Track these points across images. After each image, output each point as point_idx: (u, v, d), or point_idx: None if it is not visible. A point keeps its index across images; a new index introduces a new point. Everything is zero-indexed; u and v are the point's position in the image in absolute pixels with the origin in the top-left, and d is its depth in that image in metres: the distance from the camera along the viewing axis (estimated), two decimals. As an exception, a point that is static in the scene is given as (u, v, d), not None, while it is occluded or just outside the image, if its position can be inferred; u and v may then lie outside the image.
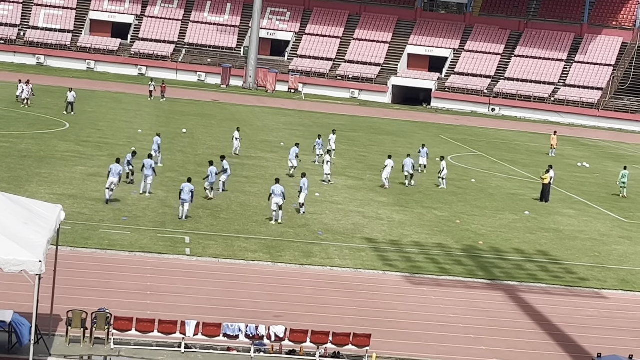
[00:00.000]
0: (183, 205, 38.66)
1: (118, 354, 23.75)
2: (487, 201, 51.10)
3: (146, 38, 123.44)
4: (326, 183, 50.82)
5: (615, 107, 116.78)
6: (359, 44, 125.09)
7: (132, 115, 73.89)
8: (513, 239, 41.84)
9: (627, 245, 43.17)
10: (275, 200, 39.51)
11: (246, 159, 56.23)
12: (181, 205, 38.73)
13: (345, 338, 24.64)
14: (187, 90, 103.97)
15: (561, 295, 33.83)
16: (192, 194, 38.78)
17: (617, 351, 24.77)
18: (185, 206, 38.64)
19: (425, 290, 32.43)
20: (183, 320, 24.37)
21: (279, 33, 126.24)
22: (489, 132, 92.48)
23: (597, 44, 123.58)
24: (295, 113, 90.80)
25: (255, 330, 24.39)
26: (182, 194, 38.57)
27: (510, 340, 27.93)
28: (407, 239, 39.69)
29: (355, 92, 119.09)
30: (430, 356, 25.80)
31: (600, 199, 56.29)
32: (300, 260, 34.48)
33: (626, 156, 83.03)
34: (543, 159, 71.90)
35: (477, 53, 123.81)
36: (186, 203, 38.62)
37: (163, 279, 30.42)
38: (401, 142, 73.62)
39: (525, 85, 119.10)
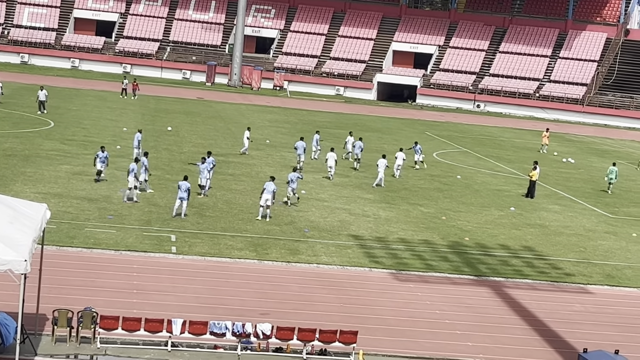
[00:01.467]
0: (181, 202, 38.66)
1: (104, 352, 23.70)
2: (473, 197, 51.19)
3: (131, 36, 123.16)
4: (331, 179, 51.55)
5: (599, 103, 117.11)
6: (344, 41, 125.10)
7: (117, 113, 73.70)
8: (499, 235, 41.92)
9: (613, 241, 43.30)
10: (265, 196, 39.52)
11: (232, 157, 56.16)
12: (180, 203, 38.72)
13: (332, 335, 24.64)
14: (172, 88, 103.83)
15: (547, 290, 33.91)
16: (189, 191, 38.80)
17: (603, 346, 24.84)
18: (183, 204, 38.64)
19: (412, 287, 32.47)
20: (169, 318, 24.33)
21: (263, 30, 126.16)
22: (474, 129, 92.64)
23: (582, 40, 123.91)
24: (281, 110, 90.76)
25: (242, 328, 24.37)
26: (180, 192, 38.56)
27: (496, 336, 27.98)
28: (393, 235, 39.72)
29: (340, 89, 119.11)
30: (416, 352, 25.83)
31: (586, 194, 56.45)
32: (287, 257, 34.46)
33: (611, 151, 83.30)
34: (528, 155, 72.05)
35: (461, 49, 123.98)
36: (184, 201, 38.61)
37: (149, 277, 30.36)
38: (387, 139, 73.65)
39: (510, 82, 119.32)
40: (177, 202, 38.85)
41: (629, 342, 28.15)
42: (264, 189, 39.71)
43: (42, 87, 70.31)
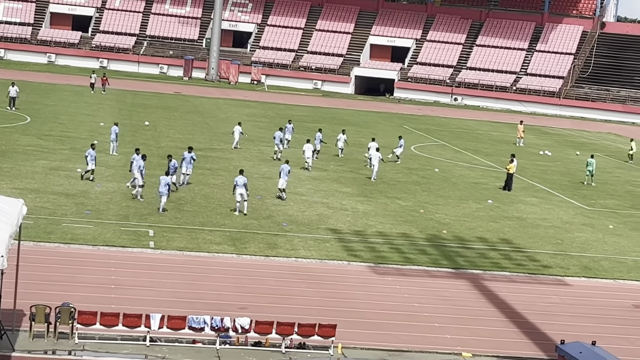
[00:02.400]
0: (161, 198, 38.56)
1: (82, 348, 23.63)
2: (451, 190, 51.32)
3: (107, 30, 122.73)
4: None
5: (576, 96, 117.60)
6: (321, 35, 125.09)
7: (94, 108, 73.44)
8: (476, 228, 42.05)
9: (589, 233, 43.52)
10: (239, 191, 39.54)
11: (210, 151, 56.07)
12: (159, 198, 38.63)
13: (311, 329, 24.66)
14: (149, 83, 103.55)
15: (524, 282, 34.05)
16: (169, 186, 38.73)
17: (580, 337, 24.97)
18: (162, 199, 38.54)
19: (390, 280, 32.52)
20: (148, 313, 24.28)
21: (240, 24, 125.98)
22: (451, 122, 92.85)
23: (558, 33, 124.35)
24: (258, 104, 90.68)
25: (220, 322, 24.36)
26: (160, 186, 38.48)
27: (474, 329, 28.07)
28: (371, 229, 39.78)
29: (318, 83, 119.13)
30: (395, 345, 25.88)
31: (563, 186, 56.70)
32: (265, 251, 34.45)
33: (587, 144, 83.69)
34: (506, 148, 72.29)
35: (439, 43, 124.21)
36: (163, 196, 38.52)
37: (127, 272, 30.29)
38: (365, 133, 73.71)
39: (487, 75, 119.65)
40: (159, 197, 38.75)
41: (605, 334, 28.31)
42: (236, 184, 39.65)
43: (14, 83, 69.50)
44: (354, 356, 24.94)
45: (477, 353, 25.99)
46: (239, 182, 39.57)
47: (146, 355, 23.64)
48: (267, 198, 43.57)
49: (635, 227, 46.05)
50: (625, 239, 42.94)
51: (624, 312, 31.48)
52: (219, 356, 24.04)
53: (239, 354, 24.27)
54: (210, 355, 24.02)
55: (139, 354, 23.65)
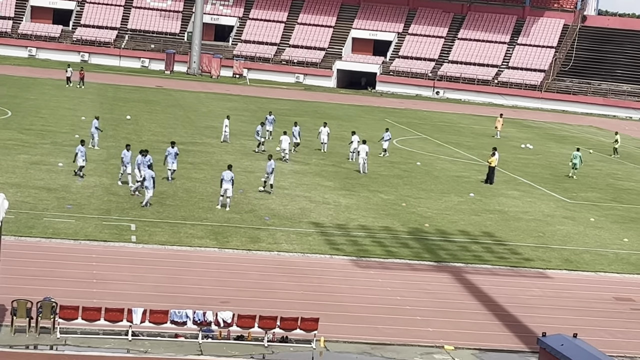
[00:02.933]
0: (147, 192, 38.45)
1: (64, 343, 23.58)
2: (433, 184, 51.40)
3: (88, 24, 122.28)
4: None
5: (557, 89, 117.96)
6: (303, 29, 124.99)
7: (75, 102, 73.19)
8: (458, 221, 42.14)
9: (571, 226, 43.67)
10: (225, 186, 39.43)
11: (191, 145, 55.97)
12: (146, 192, 38.52)
13: (293, 322, 24.67)
14: (130, 77, 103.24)
15: (506, 275, 34.15)
16: (154, 180, 38.60)
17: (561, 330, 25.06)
18: (148, 193, 38.42)
19: (372, 274, 32.56)
20: (130, 308, 24.24)
21: (222, 18, 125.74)
22: (433, 115, 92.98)
23: (539, 27, 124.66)
24: (241, 98, 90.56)
25: (202, 316, 24.34)
26: (145, 181, 38.37)
27: (456, 321, 28.14)
28: (353, 222, 39.80)
29: (300, 77, 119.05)
30: (377, 338, 25.93)
31: (544, 180, 56.88)
32: (247, 245, 34.43)
33: (569, 137, 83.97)
34: (487, 141, 72.48)
35: (420, 36, 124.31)
36: (150, 190, 38.40)
37: (109, 266, 30.21)
38: (347, 127, 73.70)
39: (468, 68, 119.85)
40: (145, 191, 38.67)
41: (587, 326, 28.44)
42: (222, 178, 39.63)
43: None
44: (336, 349, 24.98)
45: (459, 346, 26.07)
46: (226, 177, 39.48)
47: (128, 350, 23.60)
48: (249, 192, 43.54)
49: (616, 219, 46.25)
50: (607, 231, 43.13)
51: (605, 304, 31.62)
52: (201, 350, 24.03)
53: (221, 348, 24.26)
54: (192, 350, 24.00)
55: (121, 349, 23.61)
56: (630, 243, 41.13)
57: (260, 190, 43.49)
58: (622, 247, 40.26)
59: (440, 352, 25.59)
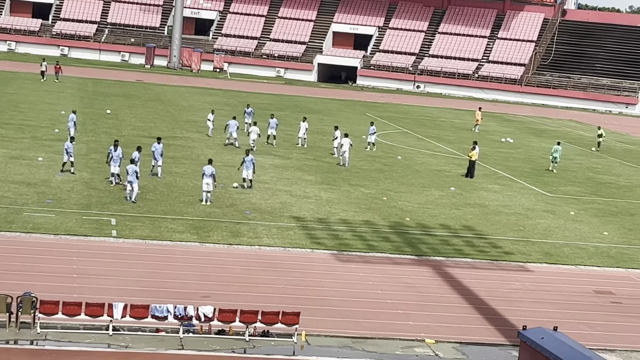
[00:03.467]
0: (131, 186, 38.29)
1: (44, 338, 23.50)
2: (413, 178, 51.48)
3: (68, 18, 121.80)
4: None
5: (537, 83, 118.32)
6: (283, 23, 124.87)
7: (55, 96, 72.89)
8: (439, 215, 42.21)
9: (551, 219, 43.83)
10: (206, 180, 39.35)
11: (172, 140, 55.84)
12: (129, 186, 38.36)
13: (274, 317, 24.67)
14: (110, 71, 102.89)
15: (487, 269, 34.24)
16: (137, 174, 38.43)
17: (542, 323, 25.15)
18: (134, 187, 38.26)
19: (353, 267, 32.58)
20: (110, 302, 24.17)
21: (203, 12, 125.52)
22: (414, 109, 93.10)
23: (519, 21, 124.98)
24: (221, 92, 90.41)
25: (183, 311, 24.30)
26: (128, 175, 38.21)
27: (437, 315, 28.21)
28: (334, 216, 39.81)
29: (280, 71, 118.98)
30: (358, 332, 25.95)
31: (524, 173, 57.05)
32: (228, 240, 34.39)
33: (549, 131, 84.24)
34: (468, 135, 72.63)
35: (401, 30, 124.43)
36: (134, 184, 38.26)
37: (89, 261, 30.12)
38: (328, 121, 73.73)
39: (449, 62, 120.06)
40: (128, 186, 38.50)
41: (567, 319, 28.56)
42: (203, 172, 39.55)
43: None
44: (317, 343, 24.99)
45: (440, 339, 26.13)
46: (207, 171, 39.35)
47: (109, 345, 23.55)
48: (230, 186, 43.46)
49: (596, 213, 46.45)
50: (586, 225, 43.30)
51: (585, 297, 31.76)
52: (182, 345, 24.00)
53: (202, 343, 24.24)
54: (173, 344, 23.97)
55: (102, 343, 23.55)
56: (609, 236, 41.33)
57: (235, 186, 43.23)
58: (601, 240, 40.44)
59: (421, 346, 25.64)
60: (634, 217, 46.45)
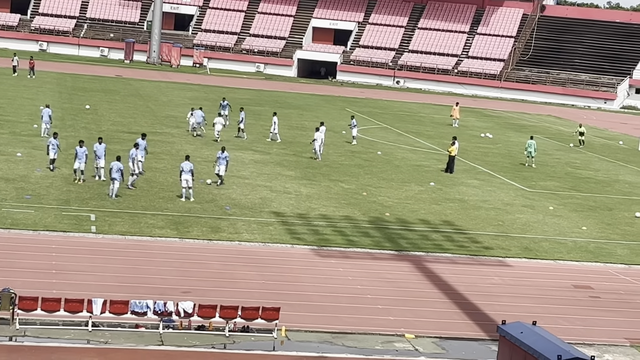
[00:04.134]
0: (113, 183, 38.13)
1: (23, 334, 23.42)
2: (393, 173, 51.55)
3: (46, 13, 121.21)
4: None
5: (516, 78, 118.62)
6: (263, 18, 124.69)
7: (34, 92, 72.57)
8: (419, 210, 42.30)
9: (530, 214, 43.99)
10: (184, 177, 39.17)
11: (152, 135, 55.66)
12: (112, 184, 38.17)
13: (254, 312, 24.68)
14: (89, 66, 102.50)
15: (466, 264, 34.35)
16: (121, 172, 38.29)
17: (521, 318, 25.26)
18: (115, 184, 38.11)
19: (333, 263, 32.62)
20: (90, 298, 24.12)
21: (182, 7, 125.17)
22: (394, 105, 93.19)
23: (499, 16, 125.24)
24: (201, 88, 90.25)
25: (163, 306, 24.28)
26: (112, 172, 38.05)
27: (417, 310, 28.28)
28: (314, 212, 39.84)
29: (260, 66, 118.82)
30: (338, 327, 25.99)
31: (504, 168, 57.22)
32: (208, 235, 34.37)
33: (528, 126, 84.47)
34: (447, 130, 72.77)
35: (381, 26, 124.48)
36: (116, 181, 38.12)
37: (69, 257, 30.04)
38: (307, 116, 73.72)
39: (429, 58, 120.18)
40: (111, 183, 38.35)
41: (546, 313, 28.70)
42: (181, 169, 39.39)
43: None
44: (297, 339, 25.02)
45: (419, 334, 26.20)
46: (185, 167, 39.22)
47: (88, 341, 23.49)
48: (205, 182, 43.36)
49: (574, 208, 46.65)
50: (565, 220, 43.49)
51: (564, 292, 31.91)
52: (162, 340, 23.98)
53: (182, 338, 24.22)
54: (153, 340, 23.94)
55: (81, 339, 23.50)
56: (588, 231, 41.52)
57: (208, 182, 42.92)
58: (580, 235, 40.63)
59: (401, 341, 25.71)
60: (613, 211, 46.68)
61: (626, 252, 38.30)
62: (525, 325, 20.97)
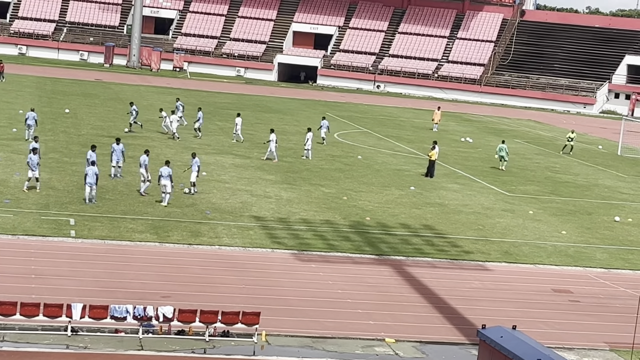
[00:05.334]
0: (91, 188, 37.89)
1: (2, 339, 23.28)
2: (374, 177, 51.58)
3: (26, 17, 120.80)
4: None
5: (496, 83, 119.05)
6: (243, 22, 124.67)
7: (13, 95, 72.25)
8: (399, 214, 42.33)
9: (510, 218, 44.09)
10: (163, 182, 39.07)
11: (131, 139, 55.52)
12: (88, 188, 37.91)
13: (235, 317, 24.61)
14: (69, 70, 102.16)
15: (446, 268, 34.38)
16: (97, 177, 38.07)
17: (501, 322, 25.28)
18: (93, 189, 37.89)
19: (314, 267, 32.59)
20: (69, 303, 24.00)
21: (162, 11, 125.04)
22: (374, 109, 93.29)
23: (479, 21, 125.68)
24: (181, 92, 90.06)
25: (143, 311, 24.17)
26: (87, 177, 37.82)
27: (397, 314, 28.28)
28: (295, 216, 39.80)
29: (241, 70, 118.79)
30: (319, 332, 25.96)
31: (484, 173, 57.35)
32: (188, 240, 34.28)
33: (508, 131, 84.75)
34: (428, 135, 72.90)
35: (361, 30, 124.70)
36: (93, 186, 37.90)
37: (48, 262, 29.89)
38: (288, 120, 73.71)
39: (409, 62, 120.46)
40: (87, 188, 38.09)
41: (526, 318, 28.75)
42: (160, 174, 39.22)
43: None
44: (278, 343, 24.97)
45: (400, 338, 26.20)
46: (164, 172, 39.09)
47: (67, 346, 23.38)
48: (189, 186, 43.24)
49: (554, 212, 46.80)
50: (545, 224, 43.62)
51: (544, 296, 31.98)
52: (141, 345, 23.88)
53: (162, 343, 24.13)
54: (132, 345, 23.84)
55: (61, 344, 23.38)
56: (568, 235, 41.66)
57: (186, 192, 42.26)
58: (560, 239, 40.75)
59: (382, 345, 25.70)
60: (592, 215, 46.86)
61: (605, 256, 38.45)
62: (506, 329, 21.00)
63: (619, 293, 33.37)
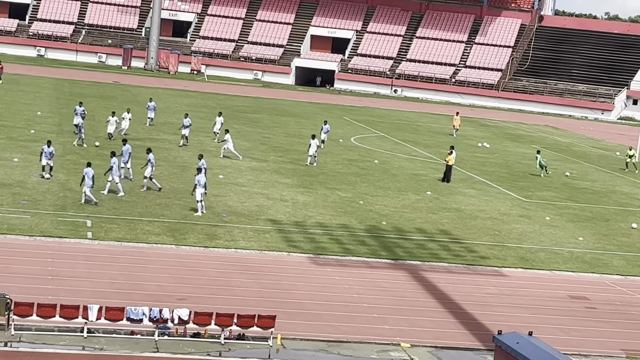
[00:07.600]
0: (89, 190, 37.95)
1: (19, 339, 23.37)
2: (390, 182, 51.54)
3: (45, 19, 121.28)
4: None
5: (514, 88, 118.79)
6: (261, 25, 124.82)
7: (32, 97, 72.56)
8: (415, 219, 42.28)
9: (526, 224, 43.98)
10: (199, 190, 38.43)
11: (149, 142, 55.66)
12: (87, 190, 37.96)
13: (250, 320, 24.63)
14: (87, 72, 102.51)
15: (462, 273, 34.31)
16: (93, 178, 38.10)
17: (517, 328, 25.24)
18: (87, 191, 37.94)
19: (330, 271, 32.59)
20: (85, 304, 24.07)
21: (180, 14, 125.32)
22: (391, 113, 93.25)
23: (497, 26, 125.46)
24: (198, 95, 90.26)
25: (159, 313, 24.22)
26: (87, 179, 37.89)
27: (413, 319, 28.24)
28: (311, 220, 39.81)
29: (258, 74, 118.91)
30: (334, 336, 25.95)
31: (501, 178, 57.24)
32: (205, 242, 34.33)
33: (525, 136, 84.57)
34: (445, 140, 72.80)
35: (379, 34, 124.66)
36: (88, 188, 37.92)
37: (64, 263, 29.99)
38: (305, 124, 73.75)
39: (426, 67, 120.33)
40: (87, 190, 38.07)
41: (542, 324, 28.66)
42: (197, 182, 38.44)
43: None
44: (293, 347, 24.98)
45: (415, 343, 26.16)
46: (201, 181, 38.31)
47: (84, 347, 23.44)
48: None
49: (571, 218, 46.65)
50: (562, 230, 43.49)
51: (560, 302, 31.89)
52: (157, 347, 23.93)
53: (177, 345, 24.17)
54: (148, 347, 23.89)
55: (77, 346, 23.45)
56: (584, 242, 41.52)
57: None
58: (576, 245, 40.62)
59: (397, 350, 25.67)
60: (609, 222, 46.70)
61: (622, 263, 38.31)
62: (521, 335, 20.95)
63: (635, 300, 33.23)
